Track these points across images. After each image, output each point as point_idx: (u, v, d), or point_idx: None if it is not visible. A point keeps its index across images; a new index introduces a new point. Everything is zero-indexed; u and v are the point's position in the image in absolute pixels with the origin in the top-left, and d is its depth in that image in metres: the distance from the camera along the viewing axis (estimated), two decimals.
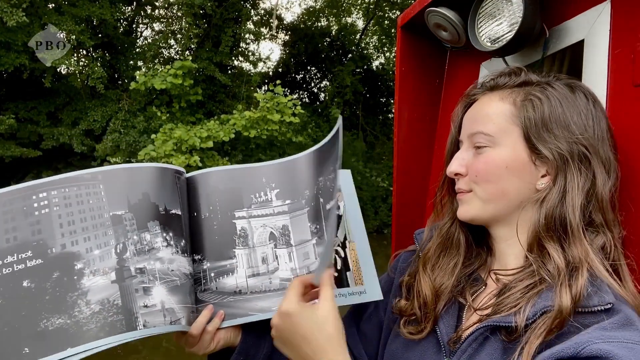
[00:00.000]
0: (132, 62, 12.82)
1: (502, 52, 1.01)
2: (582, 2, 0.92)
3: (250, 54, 15.34)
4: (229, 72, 13.60)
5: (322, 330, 0.71)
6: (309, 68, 18.37)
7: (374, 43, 19.32)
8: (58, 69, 10.99)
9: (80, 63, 11.27)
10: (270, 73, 17.25)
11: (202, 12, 12.15)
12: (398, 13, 16.45)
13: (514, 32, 0.94)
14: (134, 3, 13.48)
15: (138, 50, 13.24)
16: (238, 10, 13.10)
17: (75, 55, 11.51)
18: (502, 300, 0.76)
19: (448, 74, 1.36)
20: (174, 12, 13.26)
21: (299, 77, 18.49)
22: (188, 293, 0.84)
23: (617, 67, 0.84)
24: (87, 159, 11.19)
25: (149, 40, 13.71)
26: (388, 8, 17.31)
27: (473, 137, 0.83)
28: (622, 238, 0.78)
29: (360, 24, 18.70)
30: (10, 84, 11.44)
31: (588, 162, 0.76)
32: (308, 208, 0.92)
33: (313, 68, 18.38)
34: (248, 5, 14.15)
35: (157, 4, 13.78)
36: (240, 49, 14.60)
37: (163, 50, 13.39)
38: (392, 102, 18.17)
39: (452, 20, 1.08)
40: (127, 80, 12.24)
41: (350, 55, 17.41)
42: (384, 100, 18.83)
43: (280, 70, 17.68)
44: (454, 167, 0.84)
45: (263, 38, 15.82)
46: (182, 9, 11.90)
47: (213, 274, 0.89)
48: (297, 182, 0.94)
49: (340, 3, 17.69)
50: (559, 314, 0.67)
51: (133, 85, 10.16)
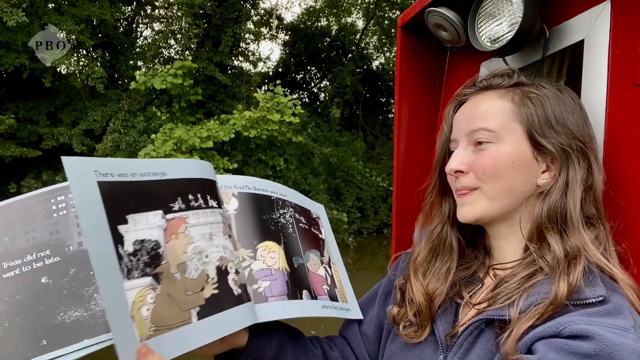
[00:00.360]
0: (132, 62, 12.80)
1: (502, 52, 1.01)
2: (582, 2, 0.92)
3: (250, 54, 15.32)
4: (229, 72, 13.59)
5: None
6: (309, 68, 18.37)
7: (374, 43, 19.32)
8: (58, 69, 10.97)
9: (80, 63, 11.26)
10: (270, 73, 17.25)
11: (202, 12, 12.14)
12: (398, 13, 16.46)
13: (514, 32, 0.94)
14: (134, 3, 13.47)
15: (138, 50, 13.23)
16: (238, 10, 13.09)
17: (75, 55, 11.50)
18: (497, 293, 0.78)
19: (448, 74, 1.35)
20: (174, 12, 13.25)
21: (299, 77, 18.48)
22: None
23: (617, 67, 0.84)
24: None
25: (149, 40, 13.69)
26: (388, 8, 17.31)
27: (474, 134, 0.83)
28: (611, 231, 0.80)
29: (360, 24, 18.70)
30: (10, 84, 11.43)
31: (587, 156, 0.79)
32: None
33: (313, 68, 18.38)
34: (248, 5, 14.14)
35: (157, 4, 13.77)
36: (240, 49, 14.59)
37: (163, 50, 13.37)
38: (392, 102, 18.17)
39: (452, 20, 1.08)
40: (127, 80, 12.22)
41: (350, 55, 17.40)
42: (384, 100, 18.83)
43: (280, 70, 17.67)
44: (455, 164, 0.83)
45: (263, 38, 15.82)
46: (182, 9, 11.88)
47: None
48: None
49: (340, 3, 17.68)
50: (554, 301, 0.68)
51: (133, 85, 10.15)
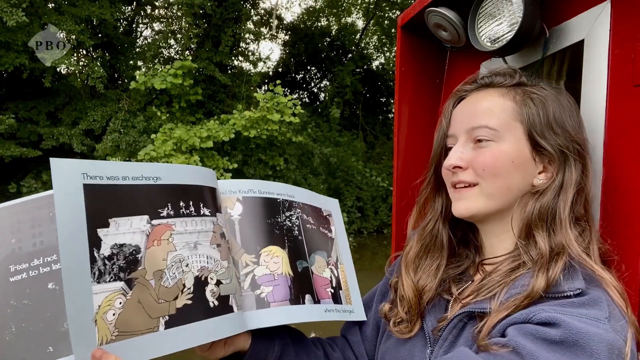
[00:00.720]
0: (132, 62, 12.80)
1: (502, 52, 1.01)
2: (582, 2, 0.92)
3: (250, 54, 15.32)
4: (229, 72, 13.59)
5: None
6: (309, 68, 18.36)
7: (374, 43, 19.31)
8: (58, 69, 10.98)
9: (80, 63, 11.26)
10: (270, 73, 17.24)
11: (202, 12, 12.14)
12: (398, 13, 16.45)
13: (514, 32, 0.94)
14: (134, 3, 13.47)
15: (138, 50, 13.22)
16: (238, 10, 13.08)
17: (75, 55, 11.50)
18: (481, 286, 0.79)
19: (448, 74, 1.35)
20: (174, 12, 13.25)
21: (299, 77, 18.48)
22: None
23: (617, 67, 0.84)
24: (87, 159, 11.17)
25: (149, 40, 13.68)
26: (388, 8, 17.30)
27: (474, 130, 0.83)
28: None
29: (360, 24, 18.70)
30: (10, 84, 11.43)
31: (583, 159, 0.80)
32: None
33: (313, 68, 18.37)
34: (248, 5, 14.13)
35: (157, 4, 13.77)
36: (240, 49, 14.59)
37: (163, 50, 13.36)
38: (392, 102, 18.16)
39: (452, 20, 1.08)
40: (127, 80, 12.22)
41: (350, 55, 17.39)
42: (384, 100, 18.82)
43: (280, 70, 17.67)
44: (454, 160, 0.83)
45: (263, 38, 15.81)
46: (182, 9, 11.88)
47: None
48: None
49: (340, 3, 17.67)
50: (530, 294, 0.70)
51: (133, 85, 10.15)
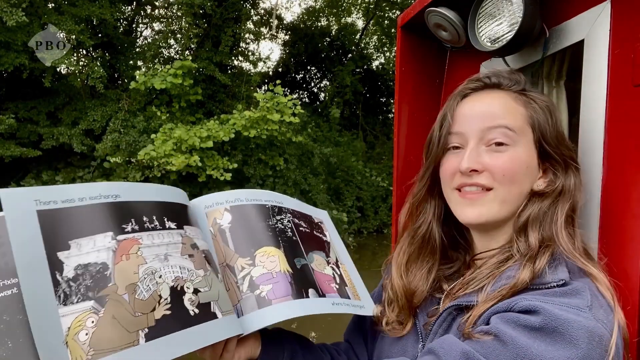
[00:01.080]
0: (132, 61, 12.79)
1: (502, 52, 1.02)
2: (582, 2, 0.92)
3: (250, 54, 15.30)
4: (229, 72, 13.58)
5: None
6: (309, 68, 18.36)
7: (374, 43, 19.31)
8: (58, 69, 10.97)
9: (80, 63, 11.25)
10: (270, 73, 17.24)
11: (202, 11, 12.13)
12: (398, 13, 16.45)
13: (514, 32, 0.94)
14: (134, 3, 13.46)
15: (138, 50, 13.22)
16: (238, 10, 13.08)
17: (75, 55, 11.49)
18: (470, 279, 0.80)
19: (448, 74, 1.35)
20: (174, 11, 13.25)
21: (299, 77, 18.48)
22: None
23: (617, 67, 0.84)
24: (87, 159, 11.17)
25: (149, 40, 13.67)
26: (388, 8, 17.30)
27: (490, 131, 0.80)
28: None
29: (360, 24, 18.70)
30: (10, 84, 11.42)
31: (577, 164, 0.83)
32: None
33: (313, 68, 18.37)
34: (248, 5, 14.13)
35: (157, 4, 13.76)
36: (240, 49, 14.58)
37: (163, 50, 13.36)
38: (392, 102, 18.16)
39: (452, 20, 1.08)
40: (127, 80, 12.22)
41: (350, 55, 17.39)
42: (384, 100, 18.82)
43: (280, 70, 17.67)
44: (471, 162, 0.79)
45: (263, 38, 15.81)
46: (182, 9, 11.88)
47: None
48: None
49: (340, 3, 17.67)
50: (514, 285, 0.71)
51: (133, 85, 10.15)
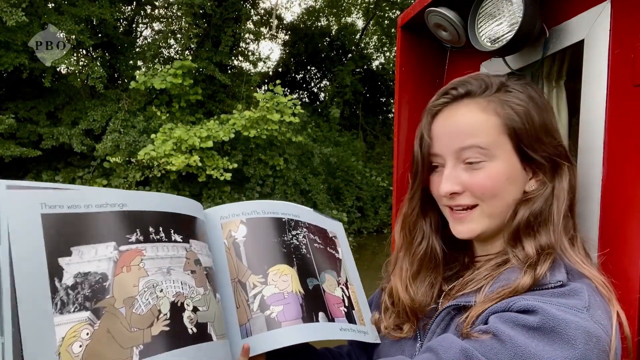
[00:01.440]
0: (131, 61, 12.79)
1: (502, 52, 1.01)
2: (582, 2, 0.92)
3: (250, 54, 15.31)
4: (229, 71, 13.58)
5: None
6: (309, 68, 18.36)
7: (374, 43, 19.31)
8: (58, 69, 10.97)
9: (80, 63, 11.26)
10: (270, 73, 17.24)
11: (201, 11, 12.14)
12: (398, 13, 16.45)
13: (514, 32, 0.94)
14: (134, 3, 13.46)
15: (138, 50, 13.22)
16: (238, 10, 13.08)
17: (75, 55, 11.49)
18: (468, 280, 0.80)
19: (448, 74, 1.35)
20: (174, 11, 13.24)
21: (299, 77, 18.48)
22: None
23: (617, 67, 0.84)
24: (86, 159, 11.18)
25: (149, 40, 13.67)
26: (388, 8, 17.30)
27: (463, 152, 0.80)
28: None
29: (360, 24, 18.70)
30: (10, 84, 11.42)
31: (569, 160, 0.81)
32: None
33: (313, 68, 18.37)
34: (248, 5, 14.13)
35: (156, 4, 13.76)
36: (240, 49, 14.58)
37: (163, 50, 13.36)
38: (392, 102, 18.16)
39: (452, 20, 1.08)
40: (126, 80, 12.22)
41: (350, 55, 17.39)
42: (384, 100, 18.82)
43: (280, 70, 17.67)
44: (449, 187, 0.81)
45: (263, 38, 15.81)
46: (181, 9, 11.88)
47: None
48: None
49: (340, 3, 17.67)
50: (515, 290, 0.71)
51: (133, 85, 10.16)
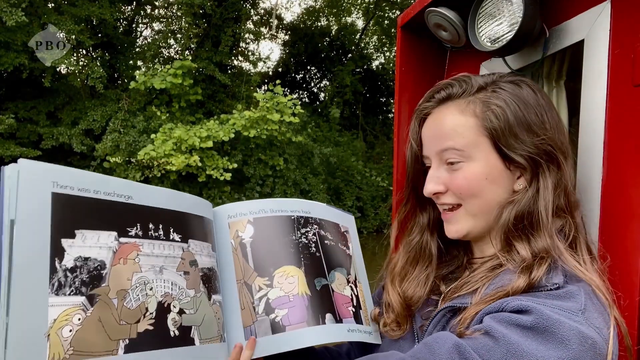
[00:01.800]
0: (131, 61, 12.80)
1: (502, 52, 1.01)
2: (582, 2, 0.92)
3: (250, 54, 15.33)
4: (229, 71, 13.59)
5: None
6: (309, 68, 18.37)
7: (374, 43, 19.31)
8: (57, 69, 10.98)
9: (80, 63, 11.27)
10: (270, 73, 17.24)
11: (201, 11, 12.14)
12: (398, 13, 16.45)
13: (514, 32, 0.94)
14: (134, 3, 13.47)
15: (138, 50, 13.23)
16: (238, 10, 13.08)
17: (75, 55, 11.50)
18: (464, 282, 0.80)
19: (448, 74, 1.35)
20: (174, 11, 13.25)
21: (299, 77, 18.48)
22: None
23: (617, 67, 0.84)
24: (86, 159, 11.18)
25: (149, 40, 13.69)
26: (388, 8, 17.30)
27: (443, 153, 0.82)
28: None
29: (360, 24, 18.70)
30: (10, 84, 11.43)
31: (555, 159, 0.78)
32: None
33: (313, 68, 18.37)
34: (248, 5, 14.13)
35: (156, 4, 13.77)
36: (240, 49, 14.59)
37: (163, 50, 13.38)
38: (392, 102, 18.17)
39: (452, 20, 1.07)
40: (126, 80, 12.23)
41: (350, 55, 17.39)
42: (384, 100, 18.83)
43: (280, 70, 17.67)
44: (432, 187, 0.83)
45: (263, 38, 15.82)
46: (181, 9, 11.89)
47: None
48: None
49: (340, 3, 17.67)
50: (510, 292, 0.70)
51: (133, 85, 10.16)
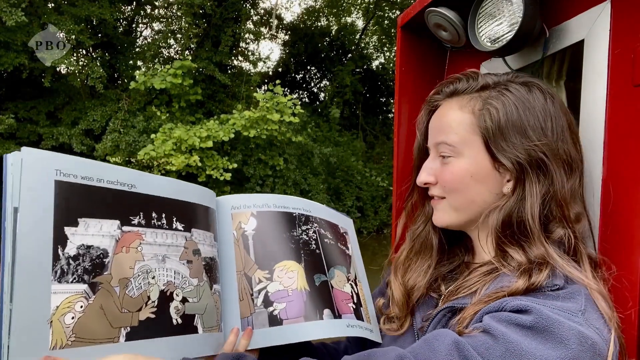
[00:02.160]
0: (131, 61, 12.79)
1: (502, 52, 1.01)
2: (582, 2, 0.92)
3: (250, 54, 15.31)
4: (229, 71, 13.59)
5: None
6: (309, 68, 18.36)
7: (374, 43, 19.30)
8: (57, 69, 10.97)
9: (80, 63, 11.26)
10: (270, 73, 17.24)
11: (201, 11, 12.14)
12: (398, 13, 16.45)
13: (514, 32, 0.94)
14: (134, 3, 13.46)
15: (138, 50, 13.22)
16: (238, 10, 13.08)
17: (75, 55, 11.50)
18: (464, 282, 0.80)
19: (448, 74, 1.35)
20: (174, 11, 13.24)
21: (299, 77, 18.48)
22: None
23: (617, 67, 0.84)
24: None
25: (149, 40, 13.68)
26: (388, 8, 17.30)
27: (438, 146, 0.85)
28: (589, 229, 0.81)
29: (360, 24, 18.69)
30: (10, 84, 11.43)
31: (546, 167, 0.77)
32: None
33: (313, 68, 18.37)
34: (248, 5, 14.13)
35: (156, 4, 13.76)
36: (240, 49, 14.58)
37: (163, 50, 13.36)
38: (392, 102, 18.17)
39: (452, 20, 1.08)
40: (126, 80, 12.22)
41: (350, 55, 17.39)
42: (384, 100, 18.82)
43: (280, 70, 17.67)
44: (423, 177, 0.87)
45: (263, 38, 15.81)
46: (181, 9, 11.88)
47: None
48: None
49: (340, 3, 17.67)
50: (509, 293, 0.70)
51: (132, 85, 10.16)
